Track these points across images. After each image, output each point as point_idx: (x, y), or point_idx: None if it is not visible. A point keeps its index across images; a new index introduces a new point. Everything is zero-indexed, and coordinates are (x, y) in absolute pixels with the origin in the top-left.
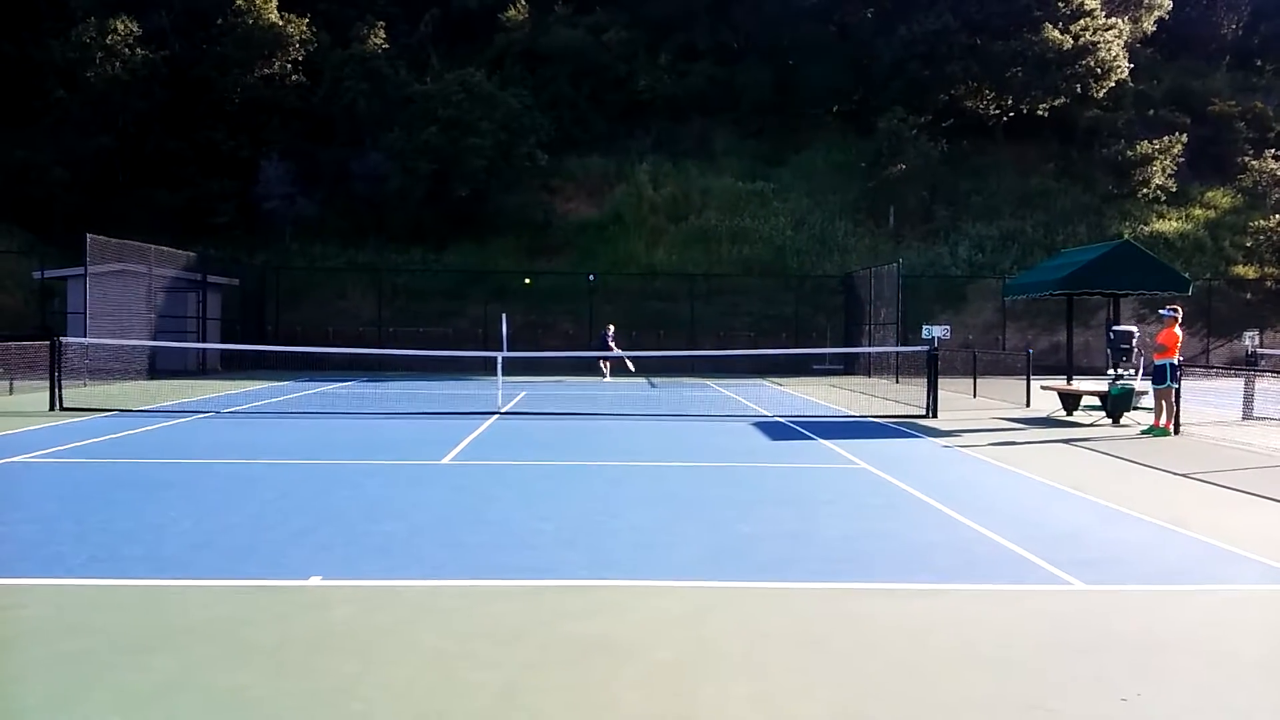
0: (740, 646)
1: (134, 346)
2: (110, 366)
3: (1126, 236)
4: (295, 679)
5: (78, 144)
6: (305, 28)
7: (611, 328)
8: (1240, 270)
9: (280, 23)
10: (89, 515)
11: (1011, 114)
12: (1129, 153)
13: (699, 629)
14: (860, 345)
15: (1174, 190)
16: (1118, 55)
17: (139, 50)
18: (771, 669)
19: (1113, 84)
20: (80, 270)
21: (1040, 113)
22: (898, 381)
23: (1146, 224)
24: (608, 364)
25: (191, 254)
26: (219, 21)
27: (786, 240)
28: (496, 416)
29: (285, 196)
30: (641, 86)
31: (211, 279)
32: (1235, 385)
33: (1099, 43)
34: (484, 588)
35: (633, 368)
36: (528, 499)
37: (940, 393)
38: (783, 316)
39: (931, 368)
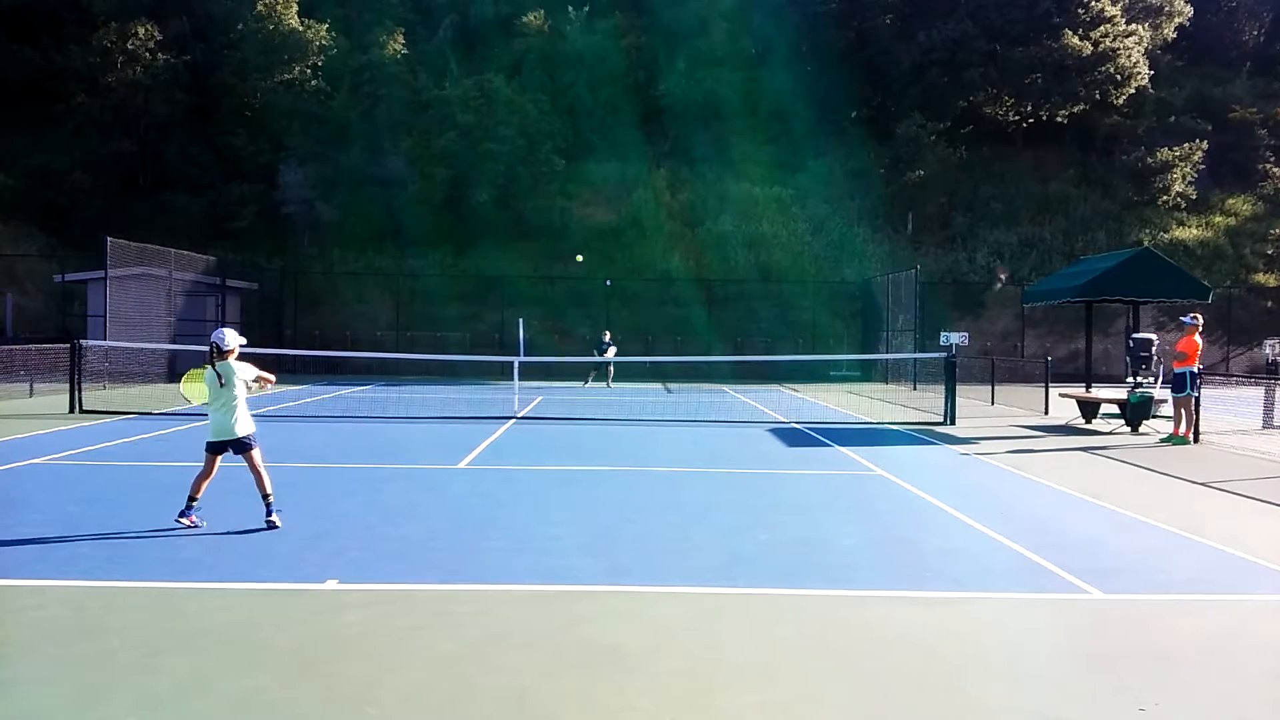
0: (753, 653)
1: (153, 350)
2: (130, 369)
3: (1146, 244)
4: (311, 682)
5: (99, 148)
6: (324, 33)
7: (608, 334)
8: (1261, 278)
9: (300, 28)
10: (108, 517)
11: (1031, 120)
12: (1149, 159)
13: (712, 635)
14: (878, 352)
15: (1194, 197)
16: (1138, 62)
17: (160, 55)
18: (784, 676)
19: (1133, 91)
20: (100, 274)
21: (1060, 119)
22: (915, 388)
23: (1166, 231)
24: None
25: (211, 258)
26: (239, 27)
27: (804, 246)
28: (513, 421)
29: (304, 201)
30: (659, 92)
31: (231, 283)
32: (1255, 394)
33: (1119, 49)
34: (498, 593)
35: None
36: (542, 504)
37: (958, 400)
38: (800, 322)
39: (949, 374)
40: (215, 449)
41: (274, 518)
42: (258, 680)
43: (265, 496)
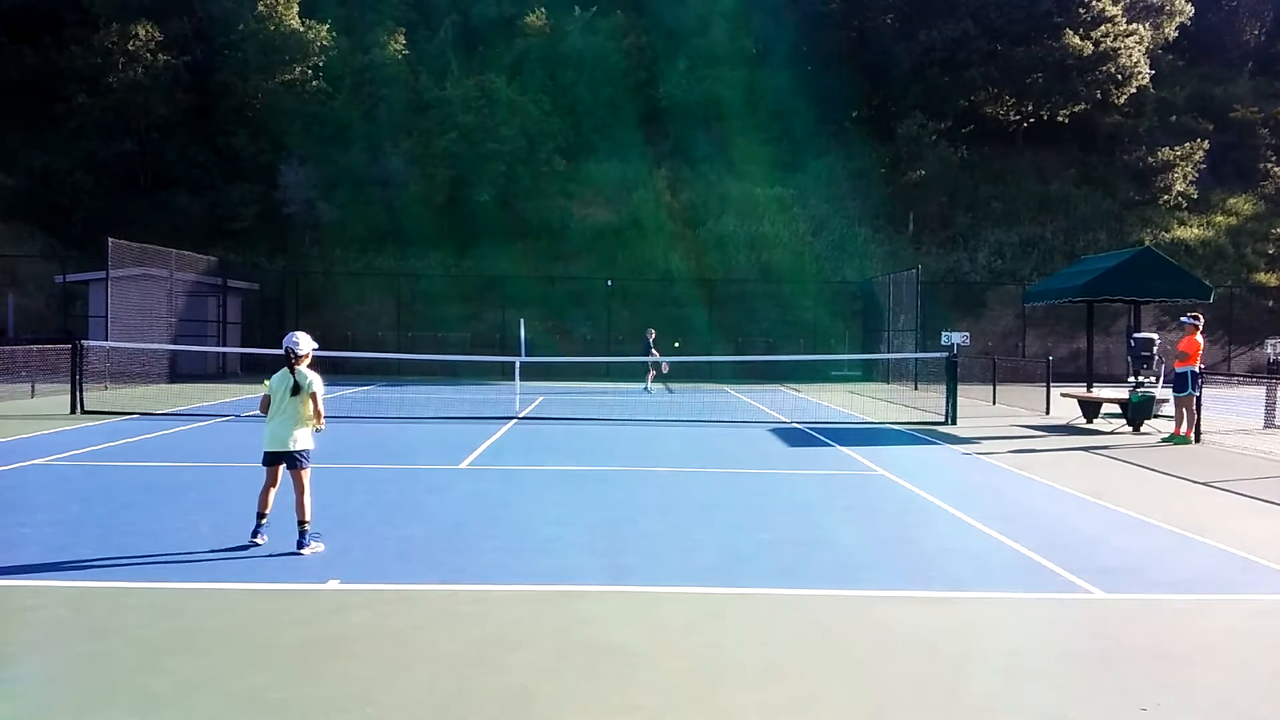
0: (755, 653)
1: (155, 350)
2: (131, 370)
3: (1147, 243)
4: (312, 683)
5: (100, 149)
6: (325, 34)
7: (653, 333)
8: (1262, 277)
9: (301, 29)
10: (110, 518)
11: (1032, 120)
12: (1150, 159)
13: (713, 635)
14: (879, 351)
15: (1195, 197)
16: (1139, 61)
17: (161, 55)
18: (785, 676)
19: (1134, 90)
20: (102, 274)
21: (1060, 119)
22: (916, 388)
23: (1167, 231)
24: (651, 373)
25: (212, 258)
26: (240, 27)
27: (805, 246)
28: (514, 421)
29: (305, 202)
30: (660, 92)
31: (232, 283)
32: (1257, 393)
33: (1120, 49)
34: (500, 593)
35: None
36: (544, 504)
37: (959, 399)
38: (801, 322)
39: (951, 374)
40: (270, 460)
41: (306, 549)
42: (259, 681)
43: (301, 522)
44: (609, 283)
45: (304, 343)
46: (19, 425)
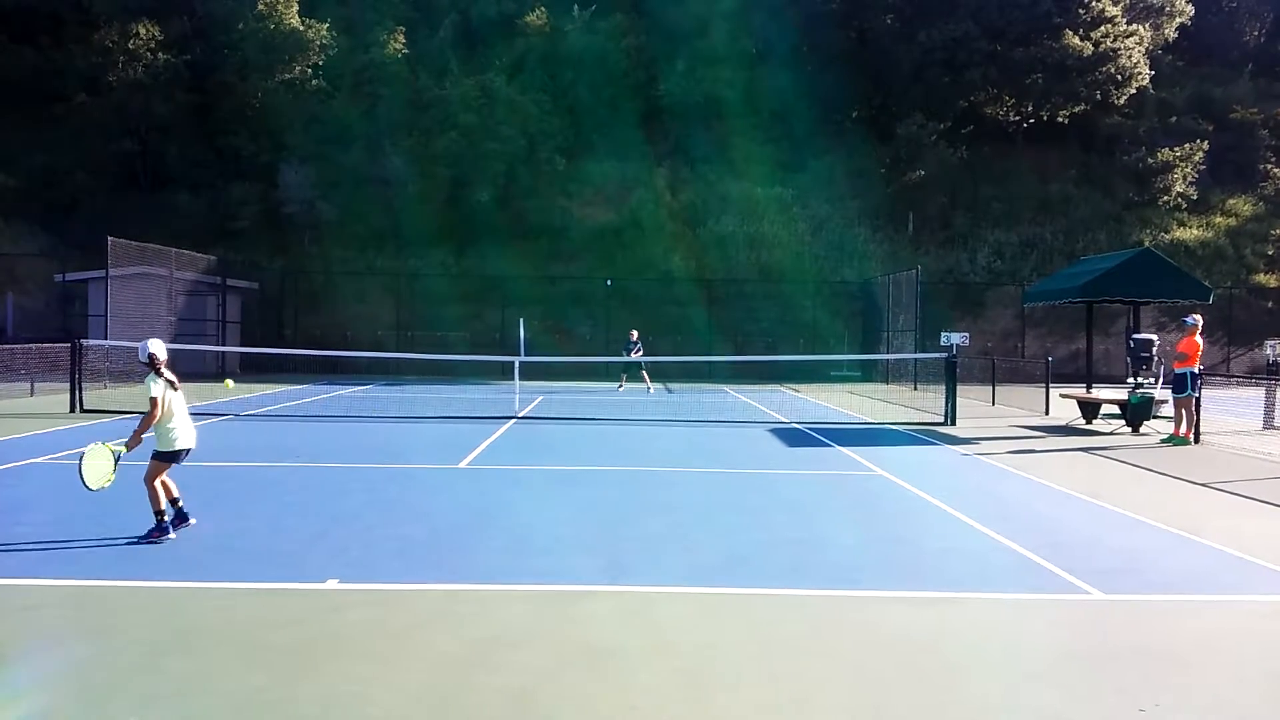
0: (753, 653)
1: None
2: (130, 369)
3: (1147, 244)
4: (311, 682)
5: (99, 148)
6: (325, 33)
7: (635, 333)
8: (1261, 279)
9: (300, 28)
10: (108, 517)
11: (1031, 120)
12: (1150, 160)
13: (712, 635)
14: (878, 352)
15: (1195, 198)
16: (1138, 62)
17: (161, 55)
18: (784, 676)
19: (1133, 91)
20: (101, 273)
21: (1060, 119)
22: (916, 388)
23: (1167, 232)
24: (645, 373)
25: (212, 258)
26: (240, 26)
27: (805, 246)
28: (513, 421)
29: (305, 201)
30: (660, 92)
31: (231, 283)
32: (1256, 394)
33: (1120, 49)
34: (499, 592)
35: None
36: (543, 504)
37: (959, 400)
38: (800, 322)
39: (950, 375)
40: (183, 457)
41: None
42: (258, 680)
43: (175, 500)
44: (609, 282)
45: (163, 347)
46: (18, 424)
